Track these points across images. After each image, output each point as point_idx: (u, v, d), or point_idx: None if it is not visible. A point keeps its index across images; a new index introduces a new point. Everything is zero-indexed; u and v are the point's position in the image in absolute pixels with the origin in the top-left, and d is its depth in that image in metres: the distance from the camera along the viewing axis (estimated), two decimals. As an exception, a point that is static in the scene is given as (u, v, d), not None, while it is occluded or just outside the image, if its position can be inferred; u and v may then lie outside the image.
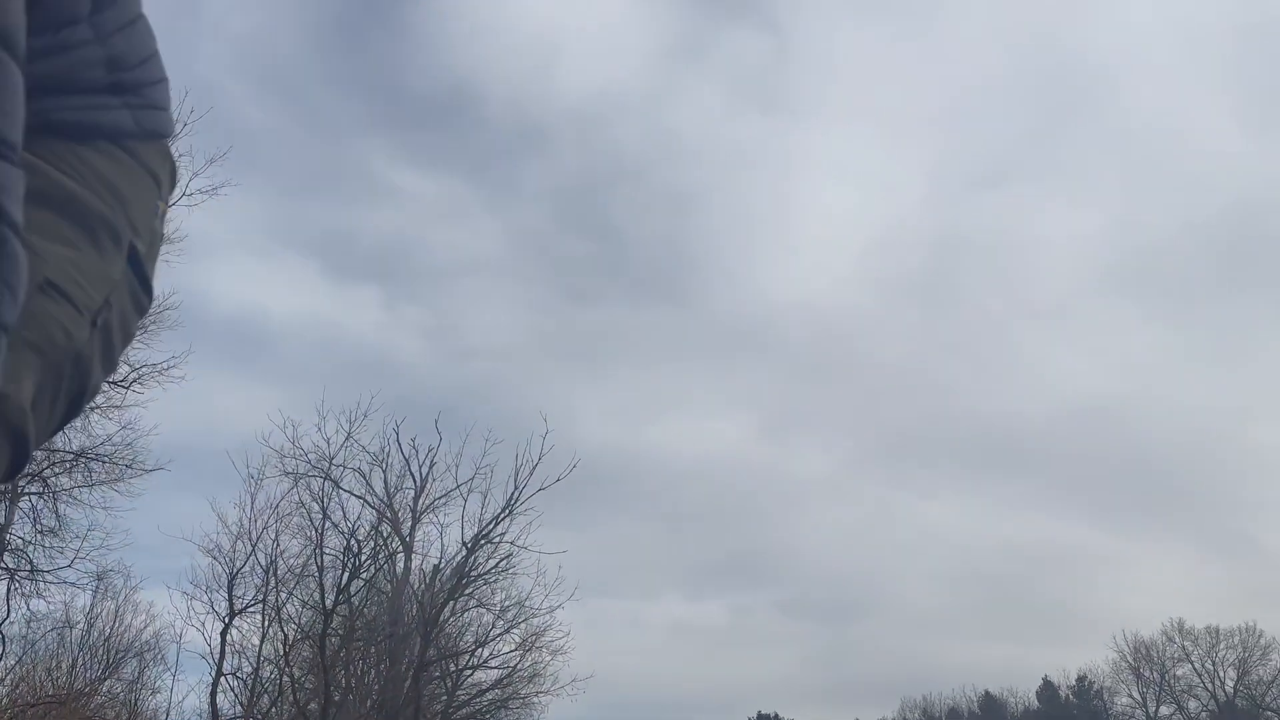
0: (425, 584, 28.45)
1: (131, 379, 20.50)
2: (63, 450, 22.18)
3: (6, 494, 22.15)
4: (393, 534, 28.35)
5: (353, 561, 24.75)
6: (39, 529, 21.91)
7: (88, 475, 22.14)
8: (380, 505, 27.71)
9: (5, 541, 21.96)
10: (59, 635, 23.95)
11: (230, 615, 25.03)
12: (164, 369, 20.69)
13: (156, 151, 1.27)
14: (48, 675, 21.63)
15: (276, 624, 25.11)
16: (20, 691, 19.53)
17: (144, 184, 1.23)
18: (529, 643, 28.23)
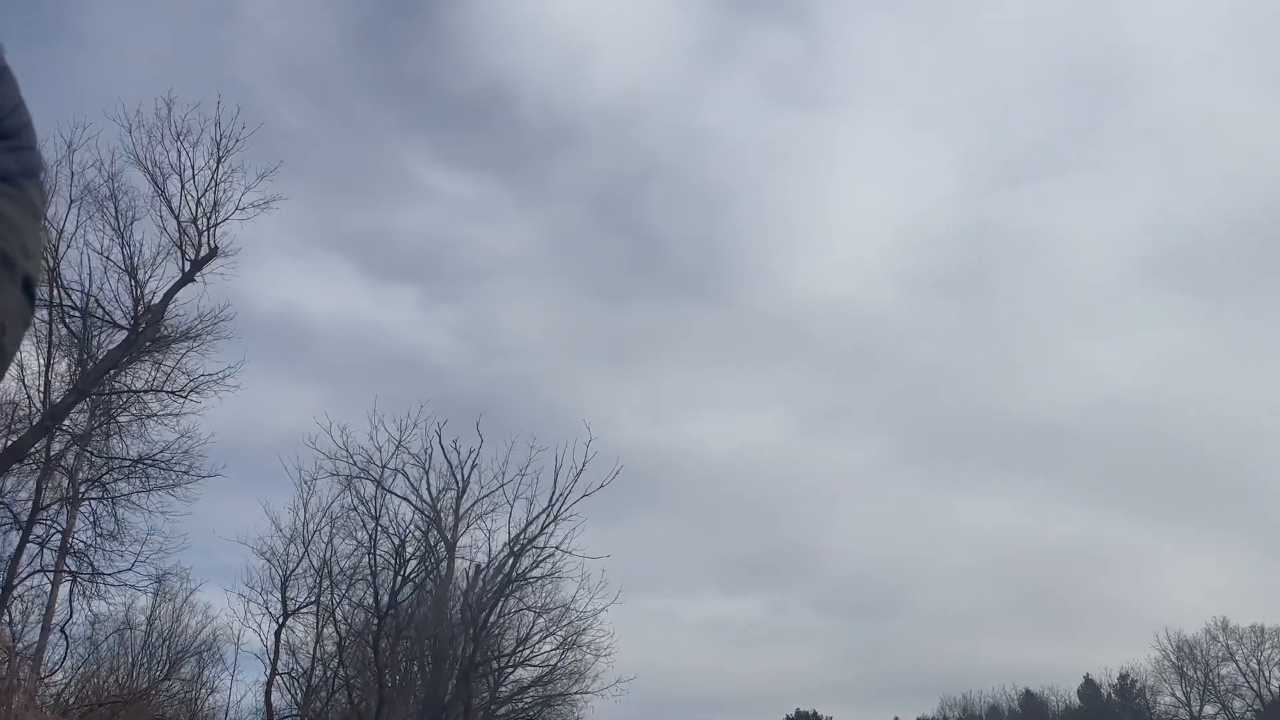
0: (469, 585, 28.91)
1: (189, 389, 21.05)
2: (121, 458, 22.85)
3: (68, 499, 22.85)
4: (437, 536, 28.84)
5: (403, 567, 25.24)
6: (99, 533, 22.54)
7: (146, 481, 22.66)
8: (425, 507, 28.21)
9: (68, 545, 22.64)
10: (120, 636, 24.65)
11: (284, 616, 25.61)
12: (220, 379, 21.22)
13: (35, 187, 1.39)
14: (111, 675, 22.27)
15: (330, 624, 25.68)
16: (85, 691, 20.14)
17: (29, 216, 1.35)
18: (570, 641, 28.62)
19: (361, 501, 26.90)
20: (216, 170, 20.83)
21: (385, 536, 26.61)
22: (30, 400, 20.74)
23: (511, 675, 29.66)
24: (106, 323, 20.81)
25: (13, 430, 20.50)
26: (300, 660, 26.40)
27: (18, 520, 21.00)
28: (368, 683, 25.71)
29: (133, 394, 21.66)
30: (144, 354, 20.97)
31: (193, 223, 20.76)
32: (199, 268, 20.86)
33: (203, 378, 21.06)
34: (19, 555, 21.23)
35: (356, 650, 25.89)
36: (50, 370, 20.62)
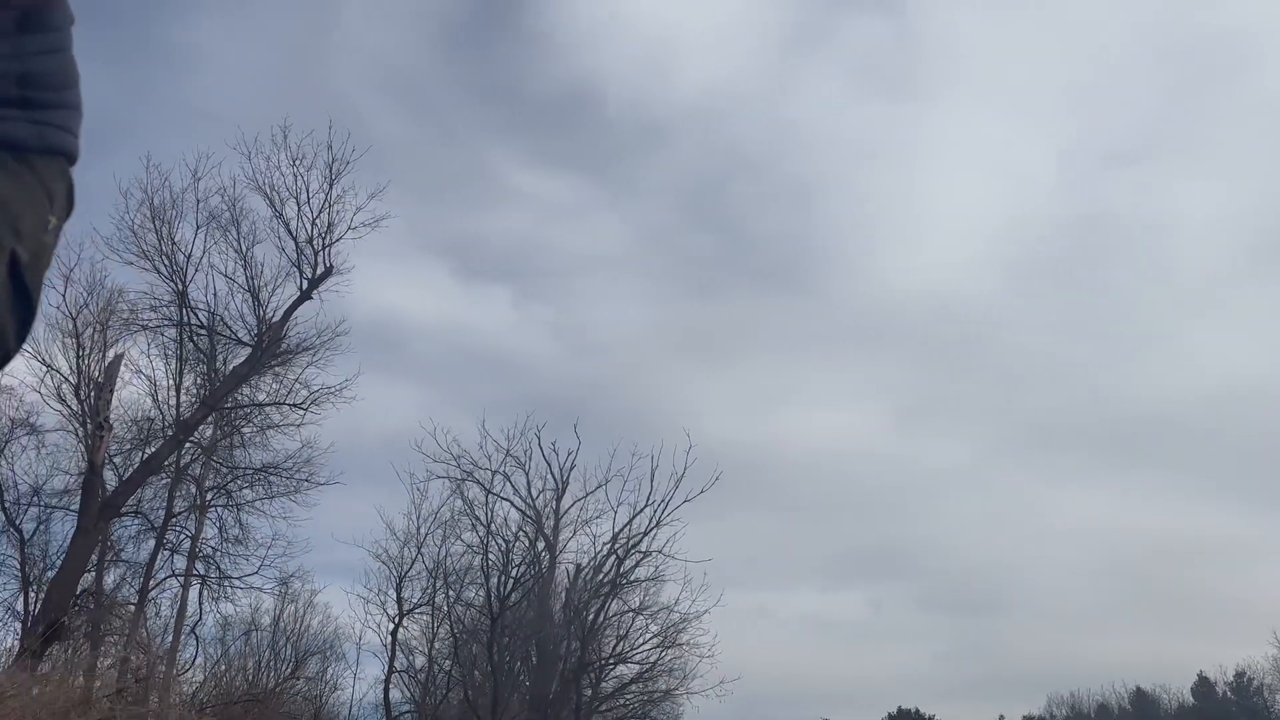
0: (570, 584, 29.46)
1: (309, 402, 21.96)
2: (245, 467, 23.93)
3: (197, 507, 24.01)
4: (539, 536, 29.44)
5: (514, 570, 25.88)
6: (225, 538, 23.64)
7: (268, 488, 23.63)
8: (527, 508, 28.84)
9: (197, 550, 23.79)
10: (247, 637, 25.80)
11: (399, 616, 26.52)
12: (338, 391, 22.08)
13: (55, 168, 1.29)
14: (239, 674, 23.35)
15: (443, 623, 26.51)
16: (218, 690, 21.18)
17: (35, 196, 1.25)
18: (669, 640, 28.92)
19: (468, 505, 27.67)
20: (329, 192, 21.70)
21: (491, 538, 27.36)
22: (162, 415, 21.90)
23: (613, 672, 30.13)
24: (231, 340, 21.84)
25: (148, 443, 21.67)
26: (416, 658, 27.32)
27: (153, 527, 22.18)
28: (480, 680, 26.44)
29: (256, 407, 22.65)
30: (266, 369, 21.91)
31: (309, 243, 21.66)
32: (315, 286, 21.74)
33: (321, 390, 21.93)
34: (153, 560, 22.43)
35: (468, 648, 26.66)
36: (181, 386, 21.74)
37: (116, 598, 21.38)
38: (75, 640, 19.29)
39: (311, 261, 21.63)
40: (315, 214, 21.60)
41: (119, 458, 21.21)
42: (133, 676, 18.61)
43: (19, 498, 20.09)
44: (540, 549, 28.95)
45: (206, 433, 22.78)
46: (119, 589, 21.82)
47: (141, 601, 21.91)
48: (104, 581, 21.33)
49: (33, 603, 19.03)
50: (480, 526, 26.75)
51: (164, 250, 20.99)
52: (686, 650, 28.64)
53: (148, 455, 20.63)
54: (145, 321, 21.44)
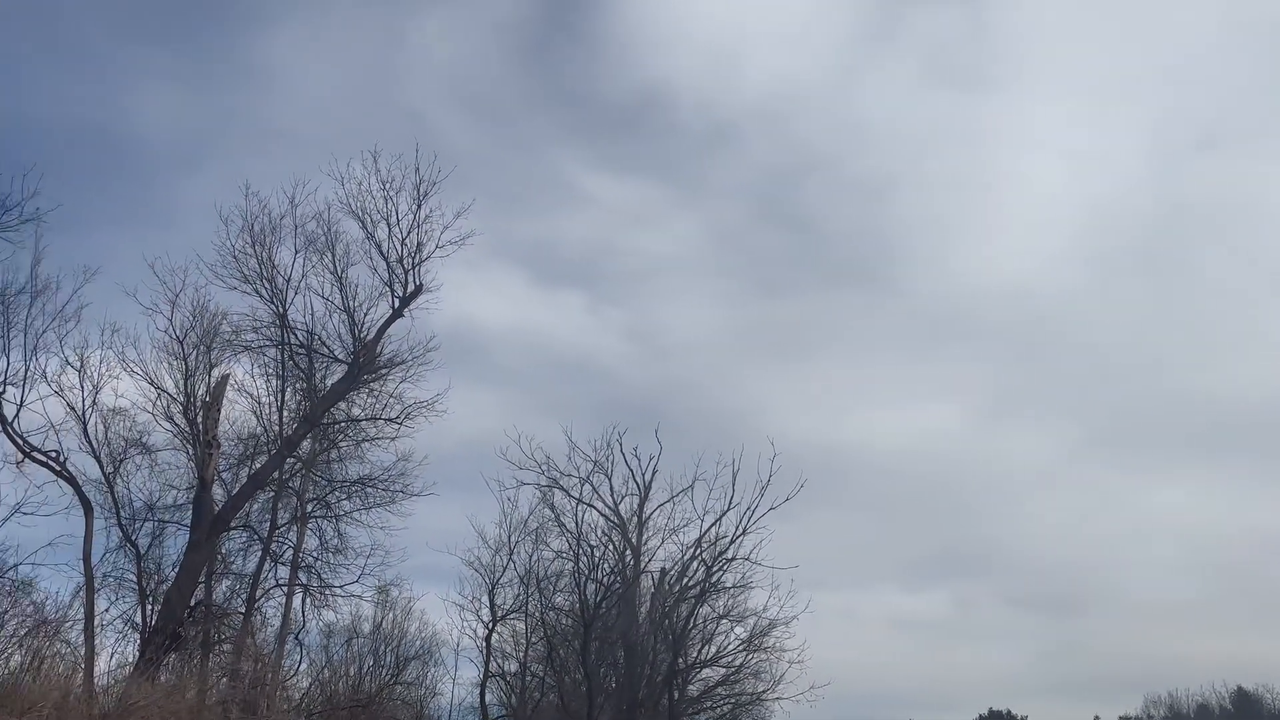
0: (656, 589, 29.61)
1: (403, 416, 22.51)
2: (343, 480, 24.60)
3: (298, 518, 24.75)
4: (623, 541, 29.66)
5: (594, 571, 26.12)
6: (325, 548, 24.33)
7: (365, 499, 24.24)
8: (610, 513, 29.07)
9: (299, 560, 24.52)
10: (348, 643, 26.50)
11: (493, 622, 27.00)
12: (430, 405, 22.60)
13: None
14: (342, 680, 24.01)
15: (535, 628, 26.91)
16: (324, 696, 21.82)
17: None
18: (755, 644, 28.89)
19: (555, 513, 28.02)
20: (417, 213, 22.21)
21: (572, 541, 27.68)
22: (266, 431, 22.65)
23: (699, 674, 30.19)
24: (329, 358, 22.50)
25: (253, 459, 22.44)
26: (510, 662, 27.77)
27: (260, 539, 22.94)
28: (572, 684, 26.76)
29: (353, 422, 23.29)
30: (362, 385, 22.52)
31: (399, 262, 22.19)
32: (406, 304, 22.29)
33: (415, 405, 22.44)
34: (259, 571, 23.19)
35: (560, 653, 26.99)
36: (283, 404, 22.46)
37: (227, 608, 22.14)
38: (190, 650, 20.05)
39: (402, 280, 22.20)
40: (405, 234, 22.17)
41: (226, 473, 21.99)
42: (244, 683, 19.29)
43: (134, 514, 20.93)
44: (625, 554, 29.18)
45: (306, 447, 23.47)
46: (229, 600, 22.60)
47: (249, 611, 22.66)
48: (215, 593, 22.12)
49: (150, 615, 19.80)
50: (570, 536, 27.09)
51: (264, 274, 21.73)
52: (773, 654, 28.62)
53: (254, 471, 21.37)
54: (248, 343, 22.21)
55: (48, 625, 16.15)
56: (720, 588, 27.85)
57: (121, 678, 16.96)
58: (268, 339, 22.21)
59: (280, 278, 21.79)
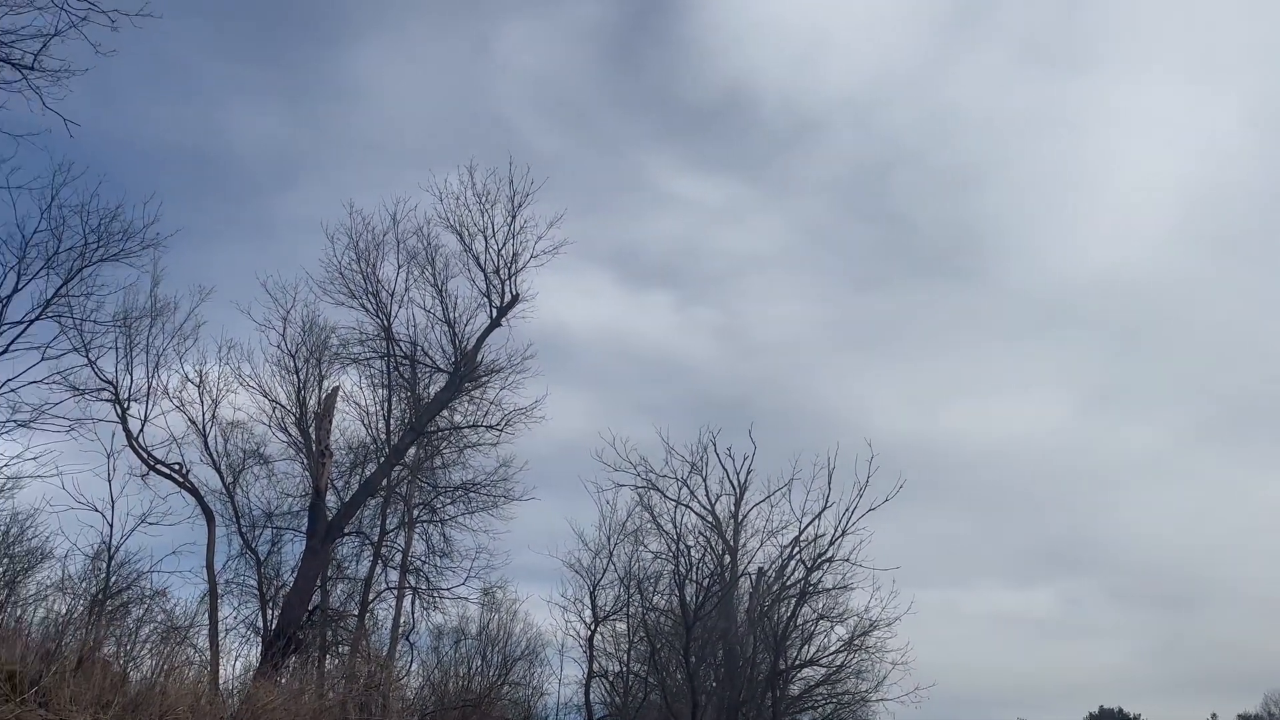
0: (754, 589, 29.31)
1: (503, 423, 22.71)
2: (447, 486, 24.92)
3: (405, 523, 25.16)
4: (720, 541, 29.44)
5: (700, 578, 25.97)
6: (432, 550, 24.69)
7: (468, 504, 24.52)
8: (706, 514, 28.87)
9: (408, 563, 24.92)
10: (456, 645, 26.86)
11: (594, 623, 27.06)
12: (529, 411, 22.76)
13: None
14: (451, 680, 24.34)
15: (635, 628, 26.89)
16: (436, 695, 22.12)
17: None
18: (856, 643, 28.38)
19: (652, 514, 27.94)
20: (512, 224, 22.43)
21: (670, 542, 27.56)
22: (374, 440, 23.09)
23: (799, 674, 29.80)
24: (431, 368, 22.82)
25: (363, 466, 22.88)
26: (614, 662, 27.79)
27: (371, 543, 23.38)
28: (675, 684, 26.67)
29: (455, 430, 23.58)
30: (463, 393, 22.80)
31: (496, 273, 22.44)
32: (504, 313, 22.51)
33: (514, 412, 22.62)
34: (371, 575, 23.63)
35: (662, 653, 26.92)
36: (389, 413, 22.87)
37: (342, 611, 22.59)
38: (309, 652, 20.51)
39: (499, 290, 22.43)
40: (500, 246, 22.40)
41: (338, 481, 22.46)
42: (360, 684, 19.63)
43: (254, 522, 21.51)
44: (723, 555, 28.97)
45: (412, 454, 23.85)
46: (345, 603, 23.06)
47: (362, 614, 23.10)
48: (330, 597, 22.59)
49: (270, 619, 20.31)
50: (669, 540, 26.98)
51: (369, 289, 22.20)
52: (874, 654, 28.06)
53: (365, 479, 21.79)
54: (355, 355, 22.70)
55: (177, 631, 16.66)
56: (820, 590, 27.42)
57: (245, 680, 17.39)
58: (374, 351, 22.67)
59: (384, 292, 22.24)
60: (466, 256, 22.57)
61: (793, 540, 27.77)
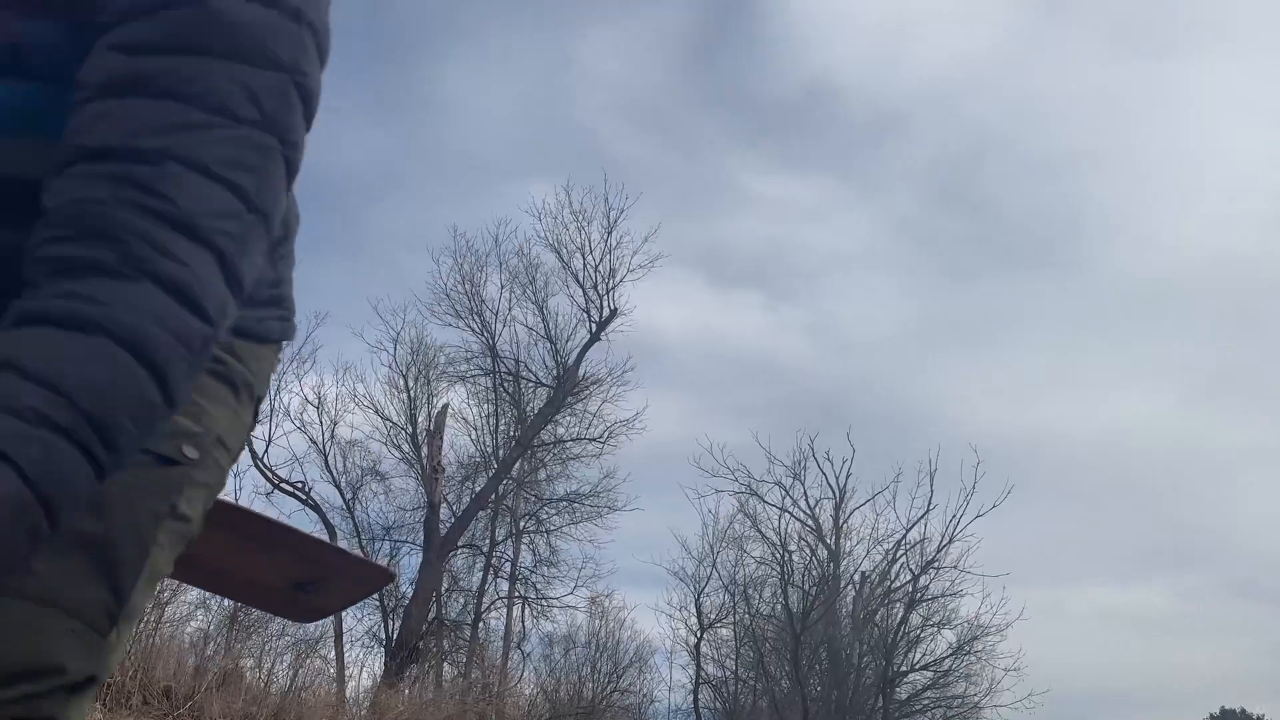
0: (857, 593, 28.95)
1: (606, 435, 23.00)
2: (552, 497, 25.29)
3: (513, 534, 25.59)
4: (821, 545, 29.18)
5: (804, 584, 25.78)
6: (538, 560, 25.08)
7: (573, 515, 24.91)
8: (806, 519, 28.65)
9: (517, 573, 25.33)
10: (566, 653, 27.11)
11: (700, 630, 27.04)
12: (629, 423, 23.02)
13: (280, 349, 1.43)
14: (565, 688, 24.57)
15: (742, 634, 26.80)
16: (547, 705, 22.36)
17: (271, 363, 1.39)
18: (965, 648, 27.80)
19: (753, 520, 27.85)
20: (608, 240, 22.77)
21: (773, 549, 27.42)
22: (483, 454, 23.58)
23: (906, 679, 29.32)
24: (534, 383, 23.23)
25: (473, 480, 23.35)
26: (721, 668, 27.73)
27: (483, 554, 23.86)
28: (781, 691, 26.49)
29: (559, 443, 23.93)
30: (565, 407, 23.14)
31: (594, 288, 22.77)
32: (603, 328, 22.80)
33: (617, 424, 22.91)
34: (483, 586, 24.12)
35: (769, 660, 26.77)
36: (497, 428, 23.34)
37: (458, 621, 23.06)
38: (428, 662, 20.98)
39: (598, 305, 22.75)
40: (598, 262, 22.73)
41: (450, 495, 22.96)
42: (476, 692, 20.01)
43: (373, 537, 22.12)
44: (826, 561, 28.70)
45: (518, 467, 24.28)
46: (460, 613, 23.53)
47: (476, 623, 23.59)
48: (446, 608, 23.08)
49: (391, 630, 20.83)
50: (771, 545, 26.85)
51: (473, 309, 22.74)
52: (984, 658, 27.45)
53: (476, 493, 22.24)
54: (462, 373, 23.24)
55: (308, 643, 17.19)
56: (928, 597, 26.92)
57: (371, 690, 17.88)
58: (479, 368, 23.19)
59: (488, 311, 22.74)
60: (565, 273, 23.01)
61: (896, 543, 27.40)
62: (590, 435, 23.48)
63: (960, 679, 28.65)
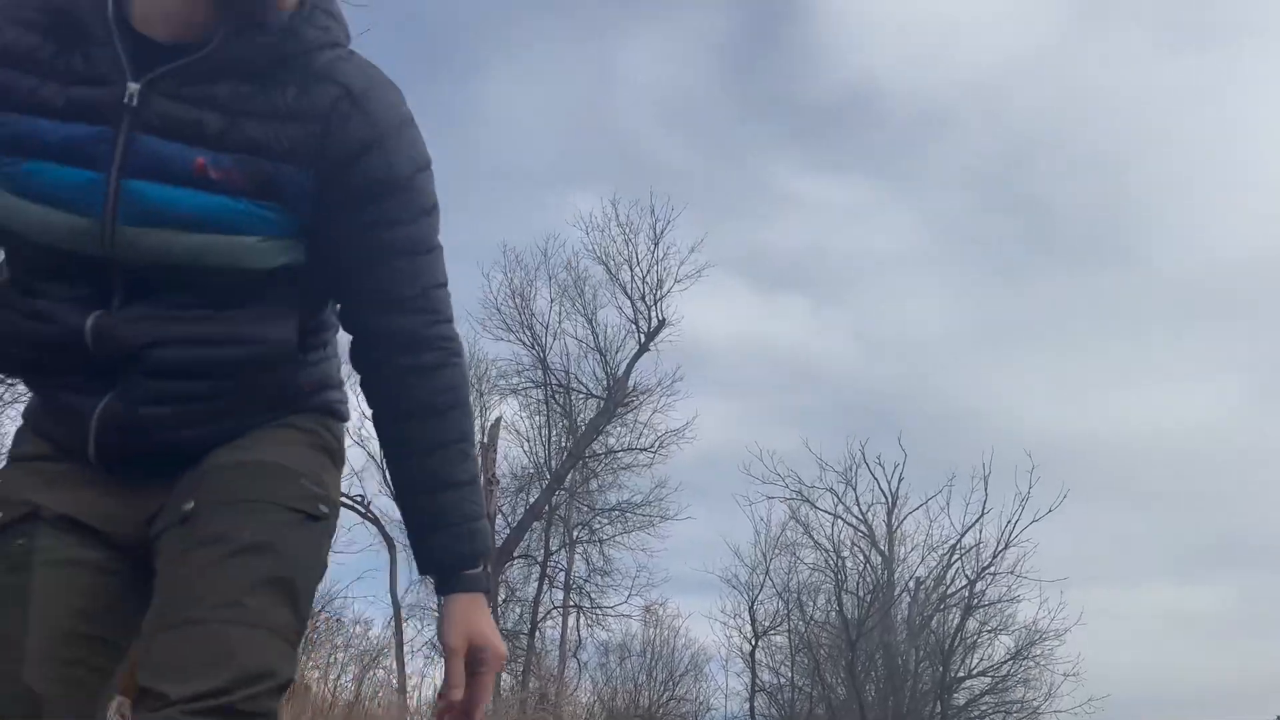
0: (912, 599, 28.62)
1: (656, 445, 23.07)
2: (604, 507, 25.40)
3: (566, 544, 25.72)
4: (873, 551, 28.91)
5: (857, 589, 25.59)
6: (592, 569, 25.19)
7: (625, 524, 25.00)
8: (858, 524, 28.42)
9: (570, 582, 25.46)
10: (621, 661, 27.18)
11: (754, 638, 26.96)
12: (680, 433, 23.07)
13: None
14: (622, 696, 24.66)
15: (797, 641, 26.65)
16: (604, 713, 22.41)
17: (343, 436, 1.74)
18: (1024, 653, 27.37)
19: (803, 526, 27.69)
20: (654, 251, 22.88)
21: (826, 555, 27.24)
22: (535, 466, 23.76)
23: (963, 684, 28.93)
24: (584, 395, 23.39)
25: (526, 491, 23.54)
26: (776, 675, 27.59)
27: (538, 564, 24.01)
28: (837, 698, 26.30)
29: (610, 454, 24.04)
30: (616, 417, 23.25)
31: (642, 299, 22.88)
32: (651, 339, 22.89)
33: (667, 434, 22.98)
34: (539, 596, 24.27)
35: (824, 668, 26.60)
36: (550, 440, 23.51)
37: (515, 630, 23.21)
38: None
39: (646, 316, 22.85)
40: (645, 274, 22.85)
41: (504, 506, 23.17)
42: (536, 701, 20.12)
43: (430, 549, 22.31)
44: (879, 567, 28.44)
45: (570, 478, 24.42)
46: (517, 623, 23.69)
47: (532, 633, 23.73)
48: (503, 618, 23.25)
49: (450, 640, 20.99)
50: (824, 552, 26.69)
51: (524, 322, 22.97)
52: (1042, 663, 27.01)
53: (530, 504, 22.41)
54: (513, 386, 23.46)
55: (371, 654, 17.44)
56: (984, 603, 26.54)
57: (432, 699, 18.05)
58: (531, 381, 23.39)
59: (538, 324, 22.95)
60: (613, 285, 23.15)
61: (950, 548, 27.09)
62: (641, 445, 23.59)
63: (1019, 684, 28.22)
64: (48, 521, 1.46)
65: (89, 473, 1.51)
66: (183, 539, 1.41)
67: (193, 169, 1.40)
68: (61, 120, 1.39)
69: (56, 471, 1.52)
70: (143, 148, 1.40)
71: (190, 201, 1.40)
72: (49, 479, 1.51)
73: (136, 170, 1.40)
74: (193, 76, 1.41)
